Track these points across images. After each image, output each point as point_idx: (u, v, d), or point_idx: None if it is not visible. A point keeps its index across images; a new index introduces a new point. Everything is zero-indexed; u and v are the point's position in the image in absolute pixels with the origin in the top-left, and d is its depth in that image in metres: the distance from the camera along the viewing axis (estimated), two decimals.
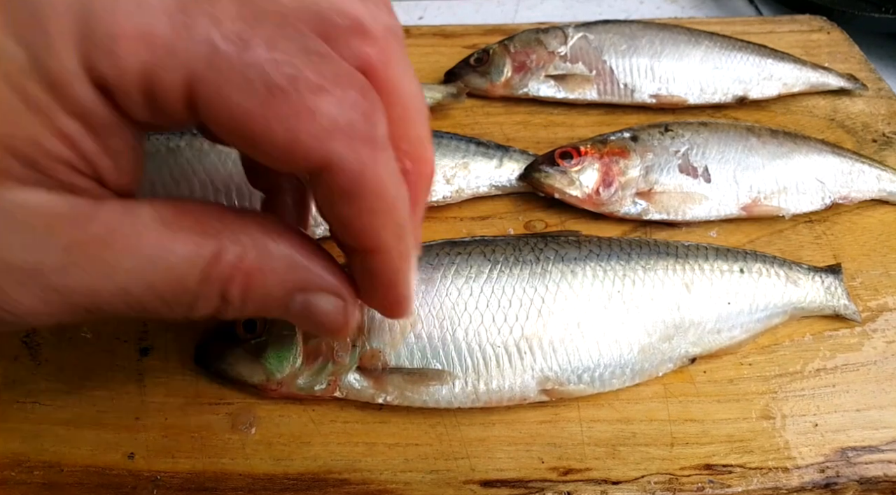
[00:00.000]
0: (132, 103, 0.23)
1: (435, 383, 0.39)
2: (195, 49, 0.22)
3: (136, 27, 0.21)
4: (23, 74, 0.21)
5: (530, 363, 0.39)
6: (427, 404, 0.39)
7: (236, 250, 0.26)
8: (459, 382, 0.39)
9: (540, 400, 0.40)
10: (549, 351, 0.40)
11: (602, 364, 0.40)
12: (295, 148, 0.23)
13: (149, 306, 0.26)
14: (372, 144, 0.24)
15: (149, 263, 0.25)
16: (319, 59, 0.24)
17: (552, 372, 0.40)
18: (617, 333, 0.41)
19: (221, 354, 0.40)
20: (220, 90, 0.22)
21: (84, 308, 0.25)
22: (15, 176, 0.22)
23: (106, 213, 0.24)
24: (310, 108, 0.23)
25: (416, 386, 0.39)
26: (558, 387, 0.40)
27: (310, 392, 0.40)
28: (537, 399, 0.40)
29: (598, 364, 0.40)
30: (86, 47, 0.21)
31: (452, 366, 0.39)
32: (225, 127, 0.23)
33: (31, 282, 0.24)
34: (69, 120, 0.22)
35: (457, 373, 0.39)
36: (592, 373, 0.40)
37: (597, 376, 0.40)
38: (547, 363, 0.40)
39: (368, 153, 0.24)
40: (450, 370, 0.39)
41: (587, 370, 0.40)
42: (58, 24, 0.21)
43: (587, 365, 0.40)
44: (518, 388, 0.39)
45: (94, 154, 0.24)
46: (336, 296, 0.30)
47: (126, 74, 0.22)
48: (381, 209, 0.26)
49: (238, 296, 0.27)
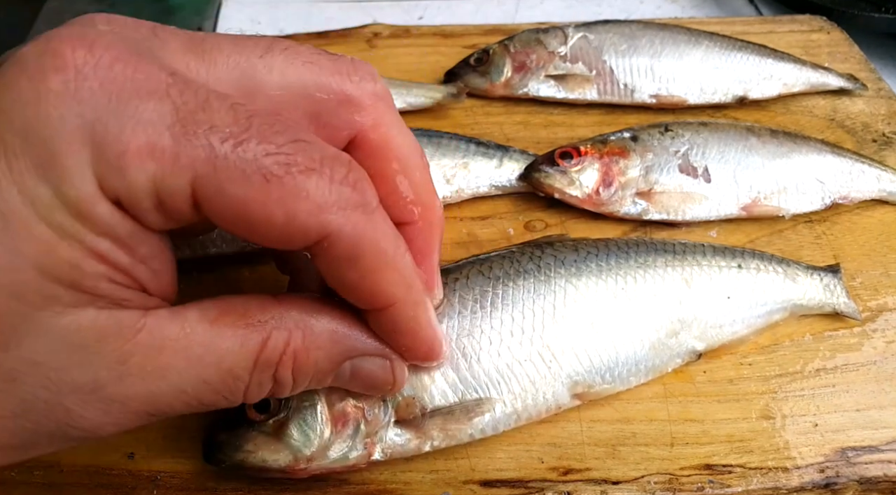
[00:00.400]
0: (146, 212, 0.25)
1: (477, 413, 0.37)
2: (196, 154, 0.24)
3: (141, 143, 0.24)
4: (51, 208, 0.23)
5: (557, 370, 0.39)
6: (474, 437, 0.38)
7: (282, 335, 0.29)
8: (500, 405, 0.38)
9: (573, 405, 0.40)
10: (571, 355, 0.39)
11: (620, 361, 0.40)
12: (294, 225, 0.25)
13: (205, 400, 0.28)
14: (364, 209, 0.27)
15: (199, 362, 0.27)
16: (307, 145, 0.26)
17: (579, 375, 0.39)
18: (627, 330, 0.41)
19: (236, 443, 0.36)
20: (220, 186, 0.24)
21: (145, 412, 0.27)
22: (63, 301, 0.25)
23: (153, 321, 0.27)
24: (303, 188, 0.25)
25: (459, 422, 0.37)
26: (588, 390, 0.40)
27: (345, 463, 0.36)
28: (571, 405, 0.40)
29: (616, 362, 0.40)
30: (99, 169, 0.24)
31: (488, 393, 0.38)
32: (228, 218, 0.25)
33: (92, 398, 0.26)
34: (99, 239, 0.24)
35: (495, 398, 0.38)
36: (613, 372, 0.40)
37: (617, 374, 0.40)
38: (573, 367, 0.39)
39: (361, 217, 0.27)
40: (487, 396, 0.38)
41: (609, 369, 0.40)
42: (71, 154, 0.23)
43: (608, 364, 0.40)
44: (552, 397, 0.39)
45: (128, 265, 0.26)
46: (381, 356, 0.32)
47: (136, 186, 0.24)
48: (383, 265, 0.28)
49: (290, 376, 0.30)
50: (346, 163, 0.27)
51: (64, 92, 0.23)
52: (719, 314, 0.43)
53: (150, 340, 0.26)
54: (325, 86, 0.29)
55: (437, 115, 0.61)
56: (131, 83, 0.24)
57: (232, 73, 0.28)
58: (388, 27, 0.70)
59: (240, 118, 0.25)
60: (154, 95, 0.24)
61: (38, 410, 0.25)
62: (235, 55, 0.28)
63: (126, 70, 0.24)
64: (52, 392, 0.25)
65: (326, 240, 0.26)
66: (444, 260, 0.43)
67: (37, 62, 0.24)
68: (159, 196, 0.24)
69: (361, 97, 0.30)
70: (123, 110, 0.24)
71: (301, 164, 0.25)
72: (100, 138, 0.23)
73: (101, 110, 0.24)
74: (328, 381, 0.32)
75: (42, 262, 0.24)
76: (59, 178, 0.23)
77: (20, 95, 0.23)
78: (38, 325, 0.24)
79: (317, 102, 0.29)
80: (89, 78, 0.24)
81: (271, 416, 0.36)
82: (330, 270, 0.28)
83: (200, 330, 0.27)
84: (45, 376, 0.25)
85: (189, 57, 0.27)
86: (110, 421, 0.27)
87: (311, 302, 0.30)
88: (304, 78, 0.29)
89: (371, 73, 0.31)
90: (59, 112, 0.23)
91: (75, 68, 0.24)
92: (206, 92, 0.25)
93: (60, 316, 0.25)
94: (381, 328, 0.31)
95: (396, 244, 0.28)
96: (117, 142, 0.23)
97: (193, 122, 0.24)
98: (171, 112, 0.24)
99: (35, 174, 0.23)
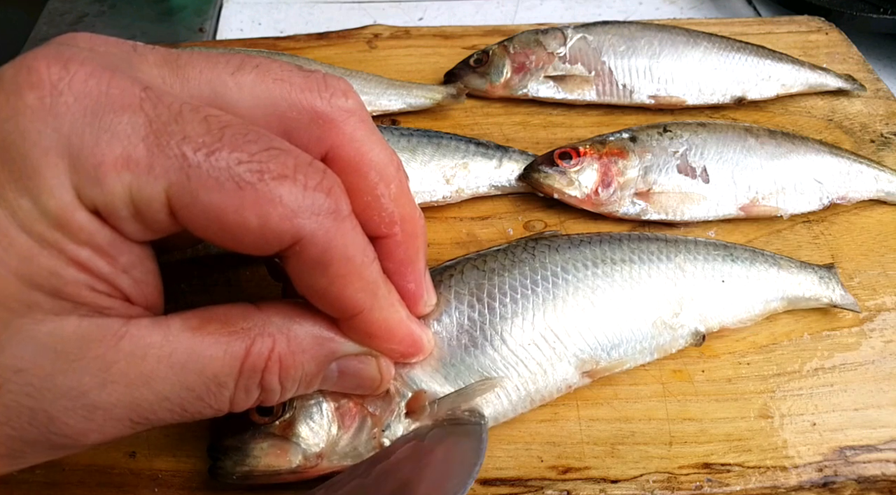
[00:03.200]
0: (123, 221, 0.26)
1: (485, 390, 0.38)
2: (170, 164, 0.25)
3: (117, 154, 0.24)
4: (31, 218, 0.24)
5: (562, 350, 0.40)
6: (491, 423, 0.39)
7: (266, 341, 0.29)
8: (512, 388, 0.38)
9: (583, 383, 0.41)
10: (575, 334, 0.40)
11: (624, 338, 0.41)
12: (267, 229, 0.26)
13: (189, 408, 0.29)
14: (335, 215, 0.27)
15: (182, 369, 0.27)
16: (280, 153, 0.26)
17: (584, 353, 0.40)
18: (627, 309, 0.42)
19: (244, 449, 0.35)
20: (194, 193, 0.25)
21: (129, 420, 0.28)
22: (44, 308, 0.25)
23: (135, 329, 0.27)
24: (276, 193, 0.26)
25: (467, 403, 0.38)
26: (595, 367, 0.40)
27: (356, 458, 0.36)
28: (581, 383, 0.41)
29: (620, 339, 0.41)
30: (76, 180, 0.24)
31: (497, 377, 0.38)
32: (203, 225, 0.26)
33: (76, 405, 0.26)
34: (78, 248, 0.25)
35: (503, 379, 0.38)
36: (618, 348, 0.41)
37: (623, 351, 0.41)
38: (577, 346, 0.40)
39: (333, 223, 0.27)
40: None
41: (615, 346, 0.41)
42: (49, 166, 0.24)
43: (613, 340, 0.41)
44: (561, 378, 0.40)
45: (109, 274, 0.26)
46: (366, 355, 0.33)
47: (113, 196, 0.25)
48: (351, 272, 0.29)
49: (277, 381, 0.30)
50: (321, 170, 0.27)
51: (40, 107, 0.24)
52: (716, 297, 0.44)
53: (132, 347, 0.26)
54: (295, 103, 0.29)
55: (437, 116, 0.61)
56: (106, 97, 0.25)
57: (204, 90, 0.29)
58: (388, 28, 0.70)
59: (212, 128, 0.26)
60: (128, 109, 0.25)
61: (21, 417, 0.26)
62: (207, 72, 0.29)
63: (100, 85, 0.25)
64: (36, 399, 0.25)
65: (299, 244, 0.27)
66: (443, 259, 0.43)
67: (13, 80, 0.25)
68: (136, 205, 0.25)
69: (332, 113, 0.30)
70: (99, 123, 0.25)
71: (274, 171, 0.26)
72: (76, 151, 0.24)
73: (76, 124, 0.24)
74: (316, 384, 0.32)
75: (23, 271, 0.24)
76: (38, 190, 0.24)
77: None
78: (21, 332, 0.25)
79: (287, 120, 0.29)
80: (64, 93, 0.25)
81: (276, 418, 0.35)
82: (301, 276, 0.28)
83: (183, 337, 0.28)
84: (28, 383, 0.25)
85: (165, 71, 0.28)
86: (94, 428, 0.27)
87: (292, 307, 0.31)
88: (273, 96, 0.29)
89: (343, 90, 0.31)
90: (35, 126, 0.24)
91: (51, 84, 0.25)
92: (179, 104, 0.26)
93: (42, 323, 0.25)
94: (357, 334, 0.32)
95: (365, 253, 0.29)
96: (93, 154, 0.24)
97: (167, 133, 0.25)
98: (144, 124, 0.25)
99: (15, 186, 0.24)
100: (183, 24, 0.78)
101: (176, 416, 0.29)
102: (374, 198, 0.31)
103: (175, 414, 0.28)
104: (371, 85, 0.61)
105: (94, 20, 0.78)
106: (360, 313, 0.30)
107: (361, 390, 0.35)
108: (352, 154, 0.30)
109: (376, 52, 0.68)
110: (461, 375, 0.38)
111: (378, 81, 0.62)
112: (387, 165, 0.31)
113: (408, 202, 0.33)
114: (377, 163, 0.31)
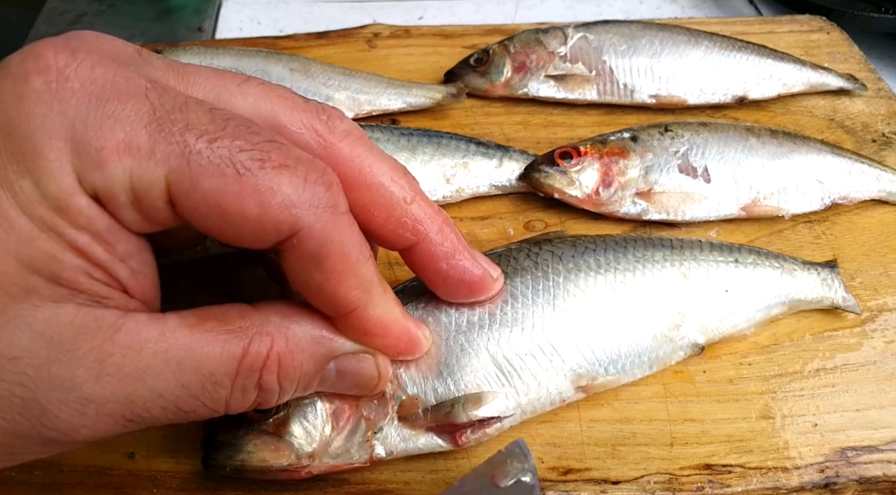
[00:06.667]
0: (122, 207, 0.25)
1: (478, 405, 0.37)
2: (171, 150, 0.25)
3: (119, 139, 0.25)
4: (31, 201, 0.24)
5: (559, 364, 0.39)
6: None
7: (265, 340, 0.29)
8: (503, 399, 0.38)
9: (578, 398, 0.40)
10: (573, 347, 0.40)
11: (622, 353, 0.41)
12: (266, 219, 0.26)
13: (184, 406, 0.28)
14: (333, 210, 0.27)
15: (178, 365, 0.27)
16: (283, 146, 0.27)
17: (581, 368, 0.40)
18: (627, 322, 0.41)
19: (236, 445, 0.35)
20: (194, 179, 0.25)
21: (121, 416, 0.27)
22: (42, 294, 0.25)
23: (132, 322, 0.27)
24: (277, 182, 0.26)
25: (459, 417, 0.37)
26: (591, 382, 0.40)
27: (347, 460, 0.36)
28: (576, 398, 0.40)
29: (618, 353, 0.40)
30: (78, 164, 0.24)
31: (490, 388, 0.38)
32: (203, 212, 0.26)
33: (69, 397, 0.26)
34: (77, 233, 0.25)
35: (496, 391, 0.38)
36: (616, 364, 0.40)
37: (620, 366, 0.41)
38: (574, 360, 0.40)
39: (331, 218, 0.27)
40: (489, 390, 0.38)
41: (612, 361, 0.40)
42: (51, 150, 0.24)
43: (610, 355, 0.40)
44: (555, 391, 0.39)
45: (107, 261, 0.26)
46: (364, 353, 0.33)
47: (113, 181, 0.25)
48: (346, 269, 0.29)
49: (275, 381, 0.30)
50: (322, 167, 0.28)
51: (46, 91, 0.24)
52: (718, 307, 0.43)
53: (128, 341, 0.26)
54: (296, 120, 0.30)
55: (437, 115, 0.61)
56: (111, 85, 0.25)
57: (209, 94, 0.29)
58: (388, 27, 0.70)
59: (216, 119, 0.26)
60: (133, 97, 0.25)
61: (13, 408, 0.25)
62: (214, 80, 0.29)
63: (107, 73, 0.25)
64: (29, 389, 0.25)
65: (296, 236, 0.27)
66: None
67: (20, 66, 0.25)
68: (135, 191, 0.25)
69: (331, 133, 0.31)
70: (103, 109, 0.25)
71: (276, 161, 0.26)
72: (79, 135, 0.24)
73: (81, 109, 0.25)
74: (314, 385, 0.32)
75: (22, 253, 0.24)
76: (39, 172, 0.24)
77: (3, 95, 0.24)
78: (18, 318, 0.25)
79: (288, 134, 0.30)
80: (71, 79, 0.25)
81: (270, 415, 0.35)
82: (297, 271, 0.28)
83: (180, 334, 0.27)
84: (22, 372, 0.25)
85: (169, 74, 0.28)
86: (85, 423, 0.26)
87: (289, 306, 0.31)
88: (276, 110, 0.30)
89: (339, 115, 0.32)
90: (41, 110, 0.24)
91: (58, 70, 0.25)
92: (184, 97, 0.26)
93: (39, 309, 0.25)
94: (352, 332, 0.32)
95: (361, 250, 0.29)
96: (96, 138, 0.24)
97: (170, 120, 0.25)
98: (148, 112, 0.25)
99: (17, 168, 0.24)
100: (182, 23, 0.78)
101: (170, 415, 0.28)
102: (389, 208, 0.32)
103: (169, 412, 0.28)
104: (371, 84, 0.61)
105: (93, 19, 0.78)
106: (354, 310, 0.30)
107: (359, 390, 0.35)
108: (354, 170, 0.31)
109: (376, 51, 0.68)
110: (455, 379, 0.38)
111: (378, 81, 0.62)
112: (393, 174, 0.32)
113: (425, 203, 0.33)
114: (383, 175, 0.31)
